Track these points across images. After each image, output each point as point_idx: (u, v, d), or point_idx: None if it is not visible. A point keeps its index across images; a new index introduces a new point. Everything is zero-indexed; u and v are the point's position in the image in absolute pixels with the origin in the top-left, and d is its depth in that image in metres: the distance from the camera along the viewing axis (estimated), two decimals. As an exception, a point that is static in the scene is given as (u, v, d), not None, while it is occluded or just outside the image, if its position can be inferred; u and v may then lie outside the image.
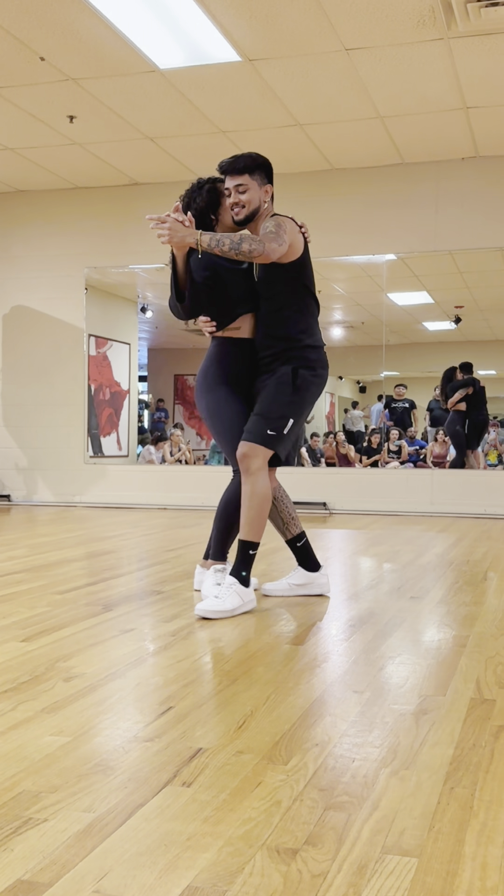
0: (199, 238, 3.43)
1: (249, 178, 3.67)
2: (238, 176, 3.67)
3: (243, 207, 3.68)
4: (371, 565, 4.99)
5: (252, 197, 3.68)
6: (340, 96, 6.90)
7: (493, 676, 2.61)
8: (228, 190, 3.70)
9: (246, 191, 3.67)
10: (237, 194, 3.67)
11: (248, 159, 3.69)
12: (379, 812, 1.65)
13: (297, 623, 3.35)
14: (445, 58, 6.19)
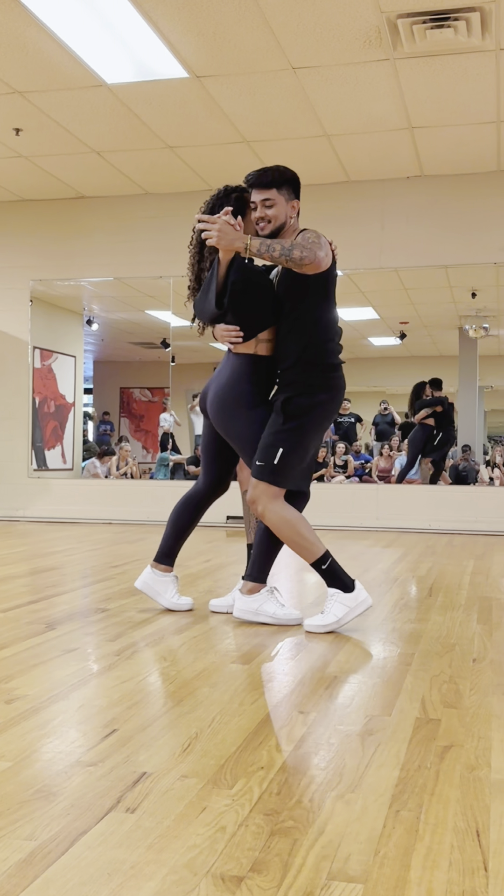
0: (248, 243, 3.39)
1: (277, 192, 3.58)
2: (265, 190, 3.57)
3: (269, 223, 3.59)
4: (316, 582, 4.99)
5: (279, 212, 3.59)
6: (287, 114, 6.94)
7: (438, 695, 2.62)
8: (254, 203, 3.60)
9: (273, 205, 3.57)
10: (263, 209, 3.57)
11: (277, 173, 3.60)
12: (325, 837, 1.64)
13: (242, 641, 3.33)
14: (391, 78, 6.27)
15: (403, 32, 5.56)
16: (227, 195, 3.69)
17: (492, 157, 7.88)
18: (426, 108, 6.78)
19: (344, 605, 3.51)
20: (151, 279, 9.41)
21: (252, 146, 7.65)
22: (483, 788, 1.89)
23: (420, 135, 7.35)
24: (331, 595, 3.54)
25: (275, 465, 3.52)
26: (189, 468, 11.12)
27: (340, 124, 7.14)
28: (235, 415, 3.67)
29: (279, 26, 5.57)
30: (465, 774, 1.97)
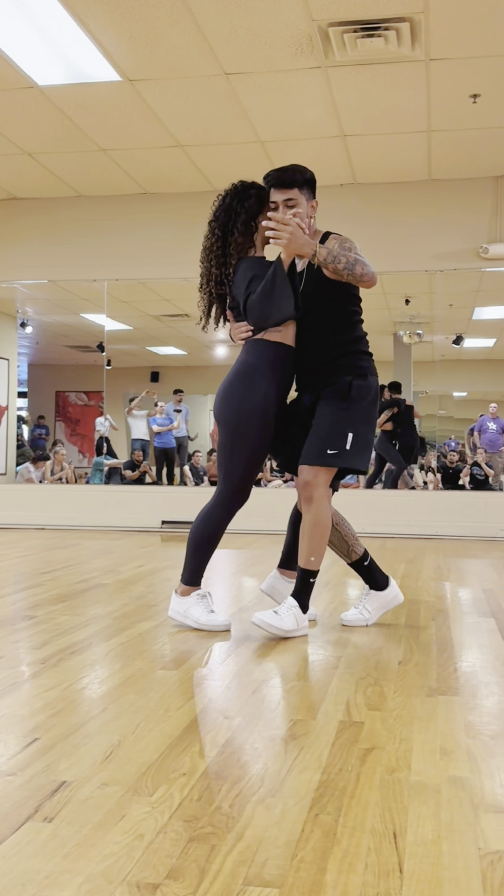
0: (316, 250, 3.35)
1: (298, 192, 3.54)
2: (288, 190, 3.52)
3: None
4: (250, 586, 5.00)
5: (301, 212, 3.53)
6: (221, 119, 6.96)
7: (363, 698, 2.64)
8: (275, 203, 3.54)
9: (295, 205, 3.51)
10: (285, 209, 3.51)
11: (298, 173, 3.56)
12: (243, 842, 1.64)
13: (171, 647, 3.32)
14: (323, 86, 6.32)
15: (335, 41, 5.61)
16: (244, 191, 3.61)
17: (423, 166, 7.99)
18: (358, 116, 6.85)
19: (296, 620, 3.51)
20: (86, 282, 9.35)
21: (186, 150, 7.65)
22: (402, 790, 1.91)
23: (352, 143, 7.42)
24: (290, 605, 3.53)
25: (348, 450, 3.49)
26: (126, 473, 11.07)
27: (273, 131, 7.17)
28: (228, 395, 3.57)
29: (211, 32, 5.58)
30: (385, 777, 1.99)
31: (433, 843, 1.66)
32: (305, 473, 3.52)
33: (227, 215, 3.59)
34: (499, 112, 6.76)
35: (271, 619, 3.48)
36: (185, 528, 8.63)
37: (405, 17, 5.38)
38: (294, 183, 3.52)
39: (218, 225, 3.62)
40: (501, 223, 8.33)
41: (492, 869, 1.55)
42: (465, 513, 8.52)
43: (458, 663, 3.13)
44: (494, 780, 1.98)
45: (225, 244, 3.59)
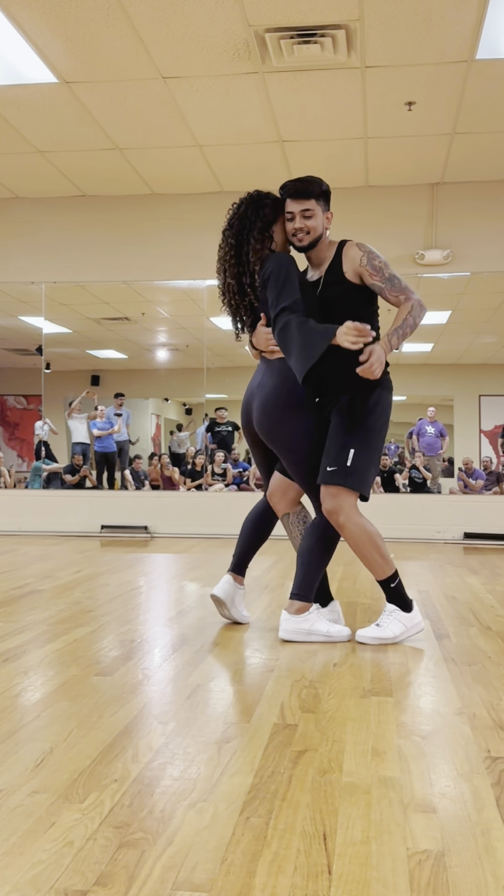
0: (388, 349, 3.40)
1: (315, 203, 3.55)
2: (305, 200, 3.53)
3: (307, 234, 3.57)
4: (188, 590, 5.00)
5: (317, 223, 3.57)
6: (159, 123, 6.95)
7: (297, 701, 2.65)
8: (291, 213, 3.55)
9: (312, 216, 3.55)
10: (302, 219, 3.54)
11: (316, 184, 3.57)
12: (173, 847, 1.64)
13: (107, 652, 3.31)
14: (261, 91, 6.34)
15: (271, 47, 5.64)
16: (259, 200, 3.60)
17: (360, 173, 8.06)
18: (295, 121, 6.89)
19: (401, 624, 3.53)
20: (23, 284, 9.27)
21: (124, 153, 7.63)
22: (333, 792, 1.92)
23: (290, 148, 7.46)
24: (390, 611, 3.55)
25: (348, 466, 3.47)
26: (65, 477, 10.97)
27: (211, 135, 7.18)
28: (284, 420, 3.58)
29: (148, 35, 5.57)
30: (316, 779, 2.00)
31: (362, 843, 1.67)
32: (327, 500, 3.52)
33: (242, 224, 3.58)
34: (433, 120, 6.86)
35: (372, 633, 3.50)
36: (124, 533, 8.62)
37: (341, 24, 5.43)
38: (311, 194, 3.55)
39: (232, 233, 3.61)
40: (437, 229, 8.44)
41: (419, 868, 1.57)
42: (402, 515, 8.61)
43: (393, 665, 3.16)
44: (424, 779, 2.01)
45: (239, 253, 3.59)
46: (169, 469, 11.26)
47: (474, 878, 1.54)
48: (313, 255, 3.67)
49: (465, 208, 8.42)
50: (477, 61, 5.91)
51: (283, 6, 5.24)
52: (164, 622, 3.95)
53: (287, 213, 3.58)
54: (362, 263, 3.52)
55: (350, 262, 3.56)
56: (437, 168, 7.94)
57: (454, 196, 8.40)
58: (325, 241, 3.65)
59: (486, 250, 8.38)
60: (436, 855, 1.63)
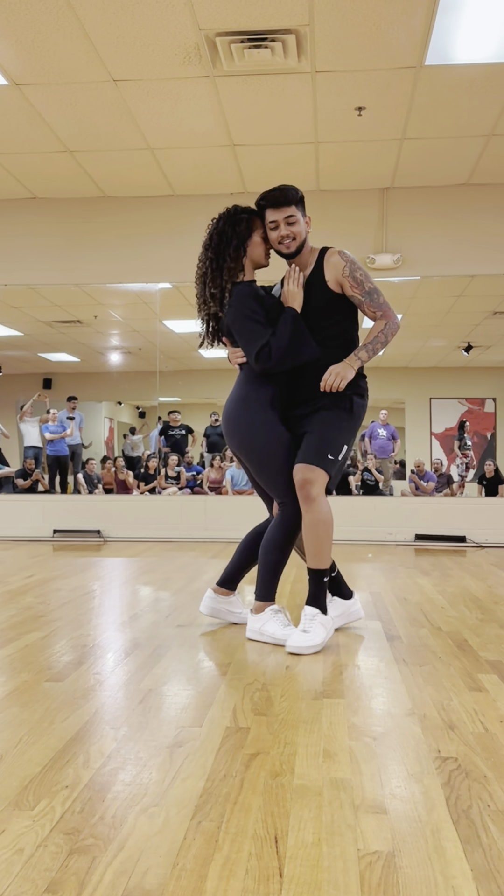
0: (356, 364, 3.55)
1: (296, 208, 3.63)
2: (286, 207, 3.61)
3: (293, 239, 3.63)
4: (141, 594, 4.98)
5: (300, 229, 3.64)
6: (110, 126, 6.92)
7: (249, 703, 2.66)
8: (275, 222, 3.62)
9: (295, 222, 3.62)
10: (287, 226, 3.61)
11: (293, 191, 3.64)
12: (125, 853, 1.64)
13: (59, 658, 3.29)
14: (212, 95, 6.35)
15: (222, 51, 5.65)
16: (236, 215, 3.69)
17: (311, 177, 8.10)
18: (246, 126, 6.91)
19: (324, 628, 3.52)
20: (-27, 288, 9.18)
21: (75, 156, 7.59)
22: (285, 795, 1.93)
23: (241, 152, 7.48)
24: (312, 615, 3.52)
25: (340, 460, 3.59)
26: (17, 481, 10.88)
27: (163, 138, 7.17)
28: (241, 424, 3.66)
29: (99, 38, 5.55)
30: (268, 781, 2.01)
31: (314, 845, 1.68)
32: (304, 471, 3.54)
33: (220, 239, 3.66)
34: (383, 125, 6.91)
35: (303, 641, 3.43)
36: (77, 537, 8.56)
37: (291, 29, 5.45)
38: (290, 200, 3.62)
39: (211, 248, 3.68)
40: (387, 234, 8.51)
41: (370, 870, 1.59)
42: (355, 517, 8.66)
43: (345, 666, 3.18)
44: (375, 781, 2.02)
45: (218, 268, 3.65)
46: (124, 472, 11.22)
47: (424, 879, 1.55)
48: (297, 262, 3.73)
49: (414, 213, 8.50)
50: (426, 67, 5.97)
51: (234, 10, 5.26)
52: (116, 627, 3.93)
53: (270, 222, 3.65)
54: (344, 273, 3.60)
55: (332, 271, 3.63)
56: (387, 173, 8.01)
57: (404, 201, 8.48)
58: (307, 246, 3.72)
59: (436, 255, 8.46)
60: (386, 856, 1.64)
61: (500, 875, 1.56)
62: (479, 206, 8.44)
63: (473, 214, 8.46)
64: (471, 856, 1.64)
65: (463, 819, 1.81)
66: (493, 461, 10.72)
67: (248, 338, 3.57)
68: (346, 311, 3.69)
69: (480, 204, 8.43)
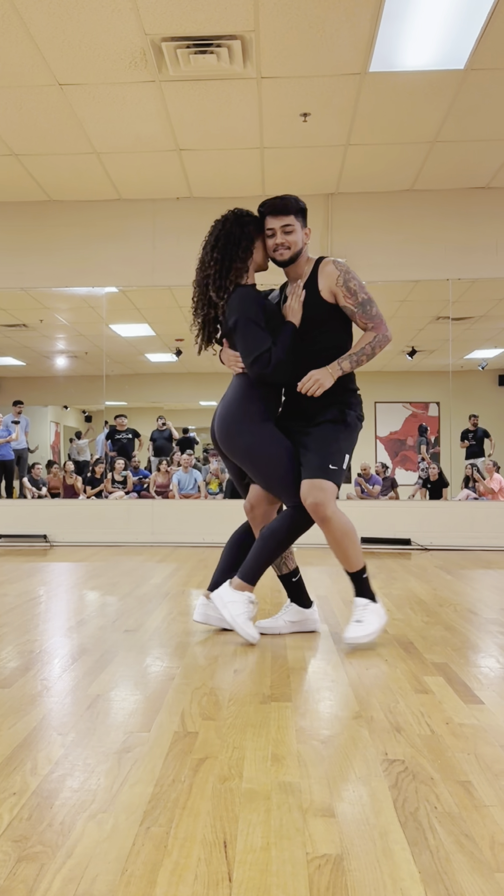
0: (337, 372, 3.57)
1: (295, 219, 3.64)
2: (285, 216, 3.64)
3: (288, 248, 3.65)
4: (88, 599, 4.95)
5: (297, 238, 3.66)
6: (55, 129, 6.88)
7: (197, 708, 2.66)
8: (272, 230, 3.64)
9: (292, 231, 3.65)
10: (283, 235, 3.64)
11: (294, 200, 3.66)
12: (73, 860, 1.63)
13: (5, 664, 3.26)
14: (158, 100, 6.35)
15: (168, 56, 5.65)
16: (243, 217, 3.68)
17: (257, 182, 8.13)
18: (192, 131, 6.92)
19: (376, 614, 3.65)
20: None
21: (20, 159, 7.53)
22: (234, 799, 1.94)
23: (187, 157, 7.48)
24: (363, 605, 3.64)
25: (343, 469, 3.63)
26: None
27: (109, 142, 7.15)
28: (242, 431, 3.65)
29: (44, 42, 5.52)
30: (217, 786, 2.01)
31: (262, 849, 1.69)
32: (313, 493, 3.56)
33: (228, 240, 3.64)
34: (328, 131, 6.97)
35: (360, 631, 3.57)
36: (23, 542, 8.48)
37: (236, 34, 5.47)
38: (290, 210, 3.65)
39: (217, 249, 3.66)
40: (332, 239, 8.57)
41: (319, 873, 1.60)
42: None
43: (293, 670, 3.19)
44: (323, 784, 2.04)
45: (225, 268, 3.63)
46: (72, 477, 11.13)
47: (372, 881, 1.57)
48: (291, 271, 3.76)
49: (359, 218, 8.57)
50: (370, 74, 6.03)
51: (179, 16, 5.26)
52: (63, 632, 3.91)
53: (268, 229, 3.68)
54: (338, 283, 3.62)
55: (326, 280, 3.65)
56: (332, 178, 8.07)
57: (349, 206, 8.55)
58: (304, 256, 3.75)
59: (380, 259, 8.55)
60: (335, 859, 1.65)
61: (448, 876, 1.59)
62: (422, 212, 8.54)
63: (417, 220, 8.56)
64: (418, 858, 1.66)
65: (410, 821, 1.83)
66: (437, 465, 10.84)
67: (250, 341, 3.57)
68: (339, 322, 3.71)
69: (424, 210, 8.54)
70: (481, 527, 8.72)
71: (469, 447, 11.27)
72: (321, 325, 3.68)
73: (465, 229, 8.53)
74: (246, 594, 3.67)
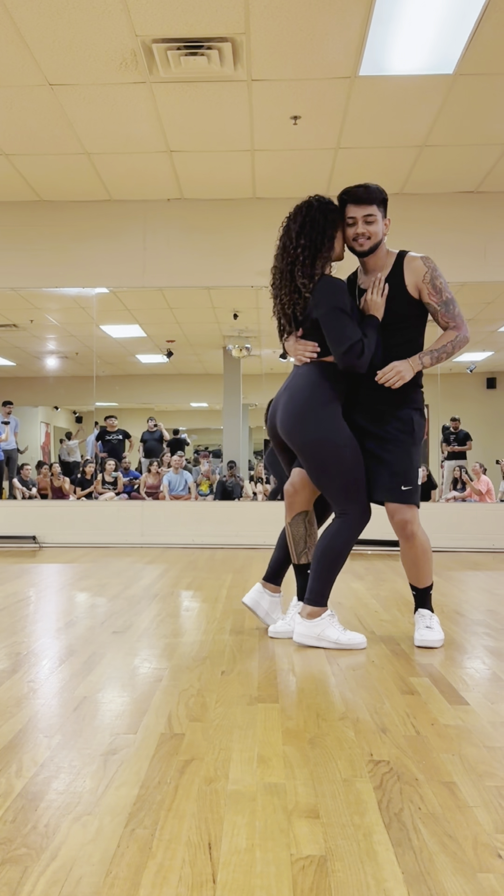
0: (418, 366, 3.56)
1: (377, 209, 3.60)
2: (368, 206, 3.59)
3: (368, 238, 3.61)
4: (77, 600, 4.95)
5: (378, 229, 3.61)
6: (46, 129, 6.88)
7: (184, 710, 2.66)
8: (353, 219, 3.59)
9: (374, 222, 3.59)
10: (364, 224, 3.59)
11: (378, 191, 3.61)
12: (57, 862, 1.64)
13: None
14: (148, 101, 6.35)
15: (158, 57, 5.66)
16: (328, 205, 3.63)
17: (248, 184, 8.14)
18: (183, 132, 6.92)
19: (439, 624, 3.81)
20: None
21: (10, 159, 7.52)
22: (219, 800, 1.94)
23: (178, 158, 7.49)
24: (429, 615, 3.75)
25: (419, 485, 3.67)
26: None
27: (99, 143, 7.15)
28: (314, 421, 3.57)
29: (34, 42, 5.52)
30: (202, 787, 2.02)
31: (247, 851, 1.70)
32: (401, 512, 3.62)
33: (314, 228, 3.58)
34: (318, 134, 6.98)
35: (432, 635, 3.68)
36: (12, 543, 8.47)
37: (227, 37, 5.48)
38: (373, 200, 3.60)
39: (304, 235, 3.58)
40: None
41: (303, 874, 1.60)
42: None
43: (280, 671, 3.20)
44: (308, 785, 2.04)
45: (312, 255, 3.57)
46: (59, 479, 11.12)
47: (356, 882, 1.57)
48: (370, 261, 3.71)
49: (350, 221, 8.58)
50: (360, 77, 6.04)
51: (170, 18, 5.27)
52: (52, 633, 3.90)
53: (349, 217, 3.62)
54: (425, 280, 3.61)
55: (413, 275, 3.62)
56: (322, 181, 8.08)
57: (340, 209, 8.55)
58: (383, 247, 3.70)
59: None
60: (318, 860, 1.66)
61: (431, 877, 1.59)
62: (412, 216, 8.56)
63: (407, 224, 8.58)
64: (402, 858, 1.67)
65: (395, 822, 1.84)
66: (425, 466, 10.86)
67: (341, 332, 3.50)
68: (417, 317, 3.68)
69: (414, 213, 8.56)
70: (469, 528, 8.75)
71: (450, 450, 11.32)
72: (401, 320, 3.65)
73: (454, 233, 8.55)
74: (324, 615, 3.67)
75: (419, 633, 3.69)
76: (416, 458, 3.69)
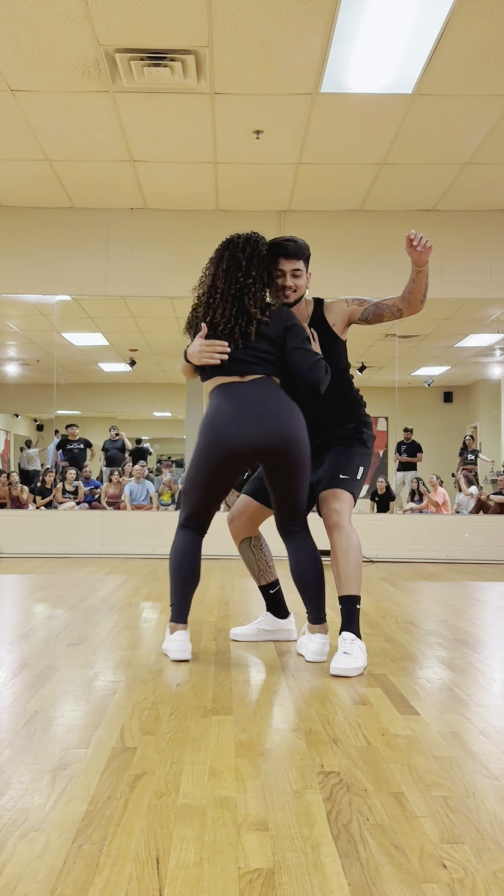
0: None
1: (304, 264, 3.69)
2: (296, 261, 3.67)
3: (294, 291, 3.69)
4: (33, 611, 4.92)
5: (303, 282, 3.71)
6: (7, 134, 6.86)
7: (137, 723, 2.66)
8: (283, 272, 3.65)
9: (300, 276, 3.69)
10: (292, 278, 3.68)
11: (305, 247, 3.71)
12: (1, 879, 1.62)
13: None
14: (111, 110, 6.35)
15: (122, 67, 5.66)
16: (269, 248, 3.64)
17: (210, 197, 8.16)
18: (146, 142, 6.93)
19: (363, 653, 3.45)
20: None
21: (-29, 166, 7.48)
22: (169, 814, 1.94)
23: (141, 168, 7.49)
24: (351, 639, 3.42)
25: (358, 479, 3.70)
26: None
27: (61, 150, 7.14)
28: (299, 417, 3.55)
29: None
30: (153, 802, 2.01)
31: (195, 865, 1.70)
32: (332, 500, 3.62)
33: (261, 263, 3.57)
34: (280, 149, 7.02)
35: (348, 663, 3.34)
36: (-31, 553, 8.36)
37: (190, 49, 5.50)
38: (301, 255, 3.69)
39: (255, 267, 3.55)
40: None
41: (250, 887, 1.60)
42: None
43: (235, 683, 3.20)
44: (259, 798, 2.05)
45: (264, 287, 3.57)
46: (17, 488, 11.04)
47: (302, 894, 1.58)
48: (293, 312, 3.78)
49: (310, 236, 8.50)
50: (322, 94, 6.09)
51: (134, 28, 5.28)
52: (5, 646, 3.88)
53: (278, 270, 3.67)
54: (349, 304, 3.77)
55: (336, 313, 3.77)
56: (284, 196, 8.13)
57: (300, 224, 8.60)
58: (303, 300, 3.81)
59: (330, 277, 8.60)
60: (266, 873, 1.66)
61: (377, 888, 1.60)
62: (371, 232, 8.65)
63: (366, 240, 8.66)
64: (349, 870, 1.68)
65: (343, 833, 1.85)
66: (384, 478, 10.93)
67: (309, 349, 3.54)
68: (343, 355, 3.85)
69: (373, 230, 8.64)
70: (424, 539, 8.82)
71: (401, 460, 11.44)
72: (340, 353, 3.82)
73: (415, 247, 8.62)
74: None
75: (334, 660, 3.38)
76: (360, 457, 3.76)
